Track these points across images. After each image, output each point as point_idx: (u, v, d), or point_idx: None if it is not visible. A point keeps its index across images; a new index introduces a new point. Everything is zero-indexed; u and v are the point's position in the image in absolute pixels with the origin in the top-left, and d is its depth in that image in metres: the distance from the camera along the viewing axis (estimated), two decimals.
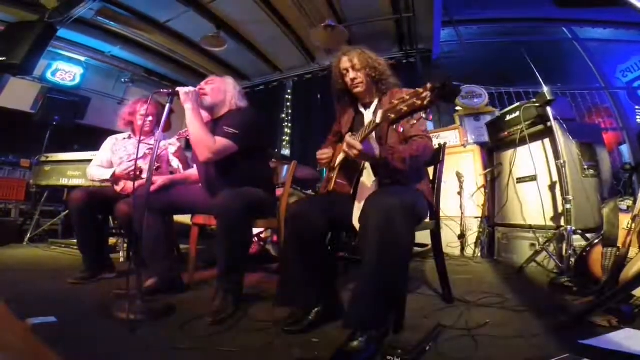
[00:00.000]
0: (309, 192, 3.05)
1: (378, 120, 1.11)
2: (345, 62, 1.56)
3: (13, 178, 3.92)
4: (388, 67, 1.58)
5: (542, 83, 2.35)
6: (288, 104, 5.61)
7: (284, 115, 5.58)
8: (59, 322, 1.28)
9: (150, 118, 2.29)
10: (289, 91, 5.62)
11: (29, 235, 3.35)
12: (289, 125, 5.56)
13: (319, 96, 5.18)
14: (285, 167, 2.24)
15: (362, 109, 1.63)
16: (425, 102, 0.94)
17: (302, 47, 4.75)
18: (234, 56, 4.89)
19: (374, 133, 1.24)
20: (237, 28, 4.32)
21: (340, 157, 1.51)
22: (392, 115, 1.05)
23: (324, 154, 1.65)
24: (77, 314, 1.41)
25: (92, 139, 3.13)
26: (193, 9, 3.85)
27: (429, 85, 0.94)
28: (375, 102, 1.59)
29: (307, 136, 5.20)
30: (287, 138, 5.53)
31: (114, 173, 2.17)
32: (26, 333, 1.23)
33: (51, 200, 3.68)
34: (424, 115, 0.99)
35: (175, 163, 2.32)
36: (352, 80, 1.54)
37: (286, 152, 5.39)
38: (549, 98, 2.32)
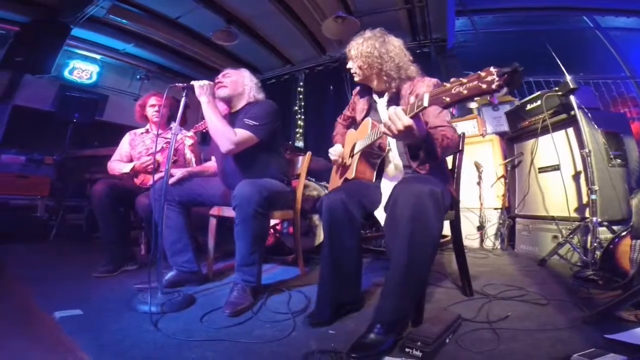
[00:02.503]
0: (324, 183, 3.05)
1: (425, 103, 1.04)
2: (347, 52, 1.56)
3: (39, 175, 4.05)
4: (402, 56, 1.49)
5: (565, 72, 2.26)
6: (300, 96, 5.61)
7: (296, 108, 5.58)
8: (84, 314, 1.33)
9: (157, 108, 2.33)
10: (300, 84, 5.61)
11: (54, 230, 3.46)
12: (302, 117, 5.56)
13: (331, 87, 5.14)
14: (300, 158, 2.24)
15: (375, 97, 1.60)
16: (493, 86, 0.89)
17: (313, 39, 4.70)
18: (245, 50, 4.90)
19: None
20: (247, 22, 4.30)
21: (360, 144, 1.48)
22: (447, 99, 0.98)
23: (336, 152, 1.67)
24: (101, 307, 1.46)
25: (111, 134, 3.20)
26: (202, 4, 3.85)
27: (493, 70, 0.89)
28: (391, 90, 1.54)
29: (320, 128, 5.18)
30: (301, 130, 5.54)
31: (133, 166, 2.23)
32: (53, 326, 1.27)
33: (74, 195, 3.79)
34: (489, 98, 0.96)
35: (189, 156, 2.36)
36: (348, 70, 1.56)
37: (300, 144, 5.41)
38: (572, 86, 2.24)
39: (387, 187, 1.42)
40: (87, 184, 3.55)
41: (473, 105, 3.39)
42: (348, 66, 1.55)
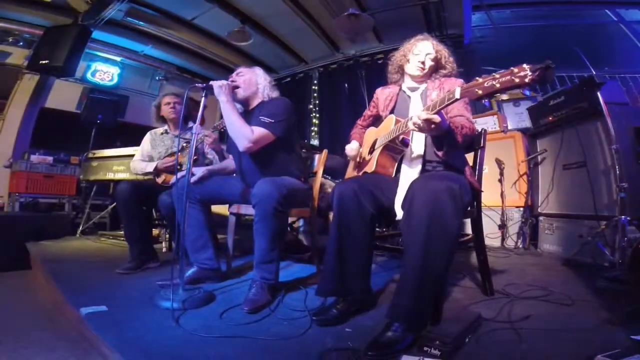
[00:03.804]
0: (339, 181, 3.04)
1: (457, 95, 1.08)
2: (427, 47, 1.58)
3: (65, 174, 4.22)
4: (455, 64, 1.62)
5: (590, 67, 2.18)
6: (315, 94, 5.62)
7: (311, 106, 5.60)
8: (108, 311, 1.37)
9: (172, 105, 2.40)
10: (315, 82, 5.62)
11: (80, 228, 3.60)
12: (317, 115, 5.57)
13: (345, 85, 5.13)
14: (316, 156, 2.25)
15: (407, 91, 1.63)
16: (526, 80, 0.93)
17: (326, 37, 4.71)
18: (259, 50, 4.96)
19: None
20: (260, 22, 4.36)
21: (382, 139, 1.49)
22: (480, 91, 1.02)
23: (353, 149, 1.68)
24: (125, 303, 1.50)
25: (132, 135, 3.30)
26: (217, 5, 3.92)
27: (526, 66, 0.94)
28: (423, 86, 1.59)
29: (335, 126, 5.19)
30: (316, 128, 5.55)
31: (156, 166, 2.29)
32: (80, 321, 1.32)
33: (99, 194, 3.93)
34: (521, 91, 0.99)
35: (211, 154, 2.40)
36: (422, 62, 1.56)
37: (315, 142, 5.42)
38: (597, 81, 2.18)
39: (405, 177, 1.42)
40: (110, 183, 3.67)
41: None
42: (422, 59, 1.56)
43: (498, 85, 0.98)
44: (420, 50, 1.58)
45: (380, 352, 1.01)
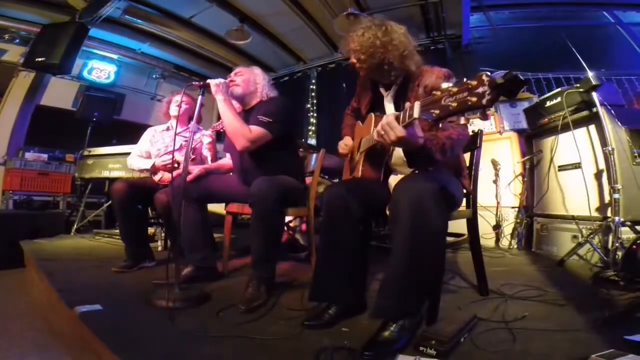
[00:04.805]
0: (336, 180, 3.05)
1: (416, 114, 0.97)
2: (347, 45, 1.41)
3: (60, 172, 4.19)
4: (407, 44, 1.35)
5: (587, 68, 2.20)
6: (313, 94, 5.62)
7: (309, 105, 5.61)
8: (103, 310, 1.36)
9: (178, 100, 2.39)
10: (313, 81, 5.63)
11: (75, 226, 3.56)
12: (315, 115, 5.58)
13: (343, 85, 5.14)
14: (314, 155, 2.24)
15: (381, 90, 1.51)
16: (483, 102, 0.74)
17: (325, 37, 4.73)
18: (258, 49, 4.96)
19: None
20: (259, 20, 4.36)
21: (366, 143, 1.44)
22: (437, 111, 0.86)
23: (346, 146, 1.64)
24: (120, 302, 1.49)
25: (129, 133, 3.28)
26: (216, 3, 3.92)
27: (485, 78, 0.74)
28: (398, 82, 1.44)
29: (333, 125, 5.19)
30: (313, 128, 5.56)
31: (153, 164, 2.28)
32: (74, 321, 1.31)
33: (94, 192, 3.88)
34: (479, 116, 0.78)
35: (206, 153, 2.39)
36: (354, 64, 1.42)
37: (312, 141, 5.43)
38: (594, 83, 2.19)
39: (393, 180, 1.41)
40: (105, 181, 3.64)
41: None
42: (353, 61, 1.41)
43: (455, 105, 0.81)
44: (348, 52, 1.41)
45: (376, 352, 1.01)
